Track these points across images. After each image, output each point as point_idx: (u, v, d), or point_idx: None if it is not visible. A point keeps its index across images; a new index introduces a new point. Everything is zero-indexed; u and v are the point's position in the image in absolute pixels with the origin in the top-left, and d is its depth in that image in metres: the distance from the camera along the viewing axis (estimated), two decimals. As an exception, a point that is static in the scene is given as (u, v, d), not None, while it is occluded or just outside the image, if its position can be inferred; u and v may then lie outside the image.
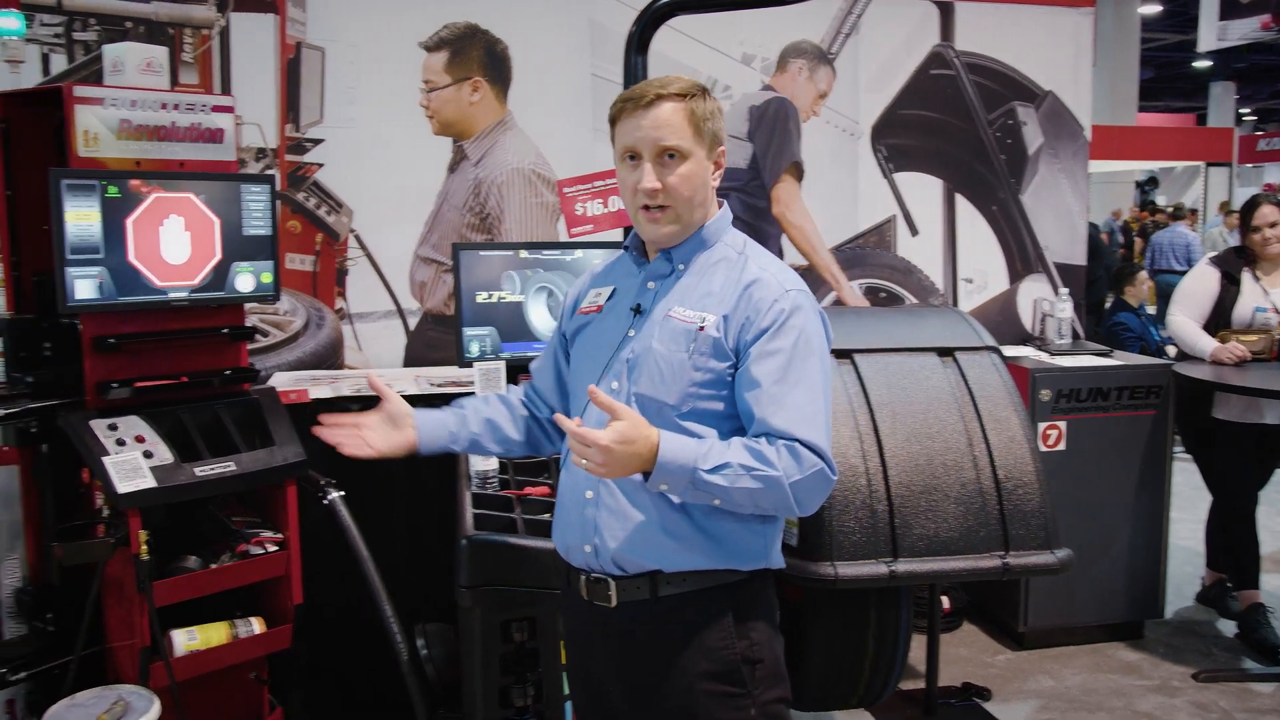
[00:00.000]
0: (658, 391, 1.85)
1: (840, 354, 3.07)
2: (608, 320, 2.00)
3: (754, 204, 4.82)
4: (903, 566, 2.77)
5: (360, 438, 2.13)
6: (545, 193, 4.46)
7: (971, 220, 5.16)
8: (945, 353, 3.17)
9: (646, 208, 1.88)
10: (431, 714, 2.92)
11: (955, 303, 5.15)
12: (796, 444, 1.76)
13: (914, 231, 5.09)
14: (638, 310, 1.95)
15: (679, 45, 4.62)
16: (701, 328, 1.84)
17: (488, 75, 4.43)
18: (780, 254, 4.87)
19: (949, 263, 5.16)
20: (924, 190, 5.10)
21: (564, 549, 1.99)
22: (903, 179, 5.07)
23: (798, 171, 4.88)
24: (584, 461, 1.71)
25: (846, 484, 2.79)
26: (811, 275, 4.93)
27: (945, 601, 4.44)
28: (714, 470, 1.73)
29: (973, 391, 3.04)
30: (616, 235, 3.58)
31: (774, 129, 4.85)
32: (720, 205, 1.99)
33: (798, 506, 1.78)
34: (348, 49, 4.30)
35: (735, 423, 1.85)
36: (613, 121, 1.92)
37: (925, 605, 3.80)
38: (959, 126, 5.09)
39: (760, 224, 4.84)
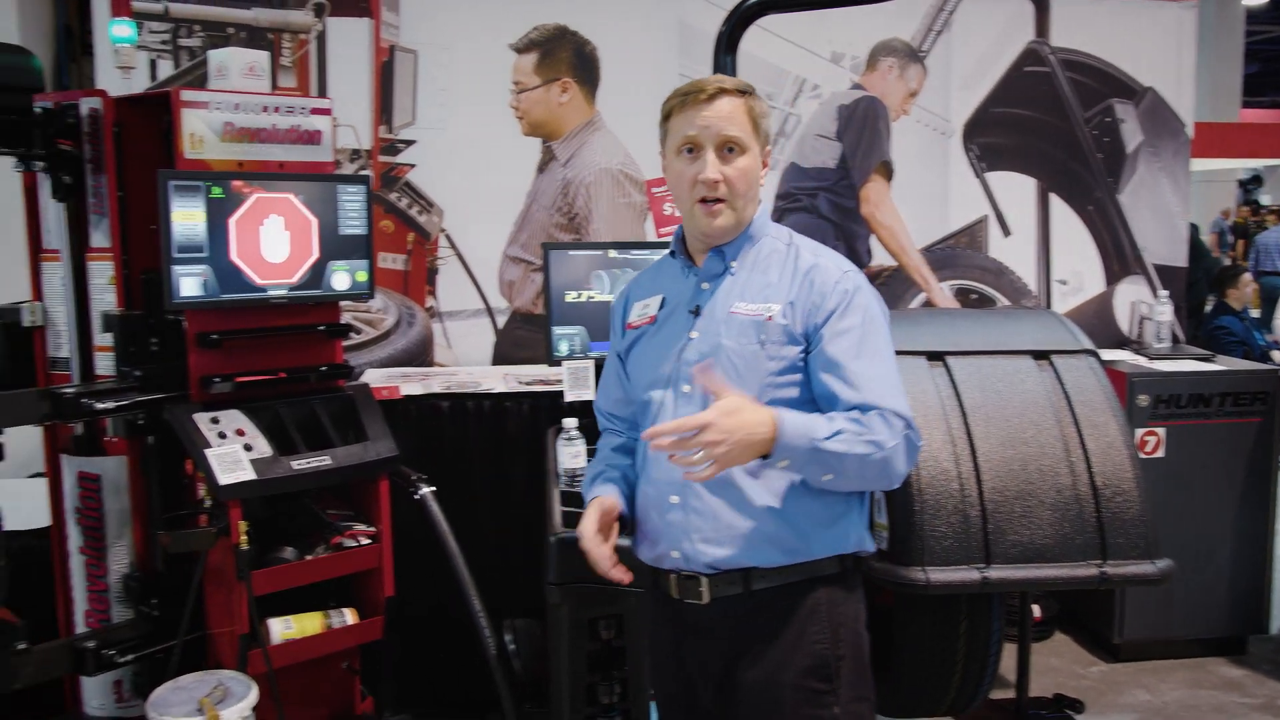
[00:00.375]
0: (736, 386, 1.83)
1: (932, 356, 3.03)
2: (665, 328, 1.99)
3: (842, 204, 4.78)
4: (996, 573, 2.72)
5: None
6: (633, 192, 4.48)
7: (1066, 220, 5.04)
8: (1041, 356, 3.10)
9: (705, 200, 1.89)
10: (518, 709, 2.96)
11: (1049, 305, 5.04)
12: (885, 412, 1.79)
13: (1006, 232, 5.00)
14: (696, 312, 1.94)
15: (767, 44, 4.61)
16: (769, 317, 1.87)
17: (577, 76, 4.46)
18: (869, 255, 4.81)
19: (1042, 264, 5.05)
20: (1017, 190, 5.00)
21: (652, 559, 1.98)
22: (995, 178, 4.98)
23: (887, 171, 4.82)
24: (696, 455, 1.69)
25: (938, 488, 2.74)
26: (900, 276, 4.86)
27: (1036, 610, 4.35)
28: (831, 437, 1.74)
29: (1069, 396, 2.97)
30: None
31: (863, 128, 4.80)
32: (760, 203, 2.01)
33: (893, 475, 1.81)
34: (440, 51, 4.37)
35: (812, 407, 1.85)
36: (667, 116, 1.92)
37: (1016, 613, 3.72)
38: (1054, 124, 4.98)
39: (848, 224, 4.79)
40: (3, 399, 2.60)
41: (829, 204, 4.77)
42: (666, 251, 2.08)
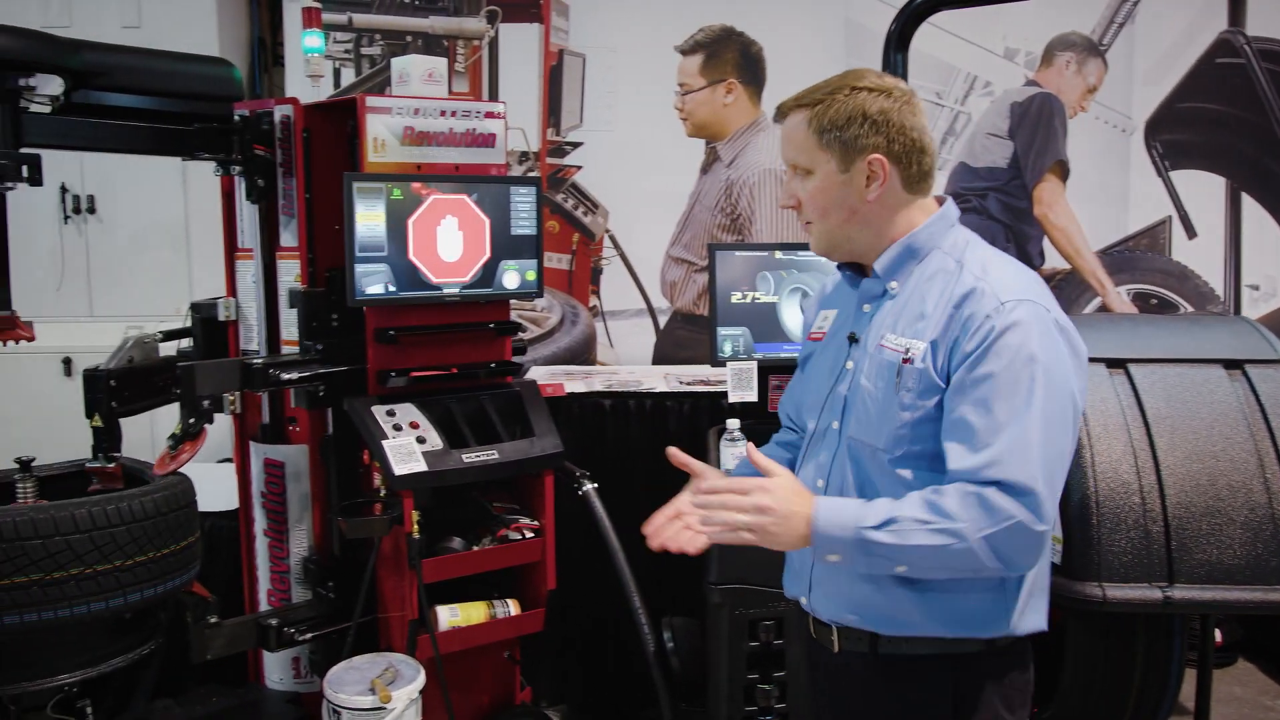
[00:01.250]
0: (868, 434, 1.66)
1: (1113, 363, 2.89)
2: (829, 349, 1.83)
3: (1014, 204, 4.62)
4: (1180, 593, 2.57)
5: (690, 529, 1.86)
6: (796, 193, 4.44)
7: (1259, 221, 4.75)
8: (1233, 365, 2.91)
9: (806, 223, 1.76)
10: (674, 707, 2.97)
11: (1237, 311, 4.75)
12: (990, 489, 1.50)
13: (1191, 234, 4.74)
14: (853, 339, 1.75)
15: (937, 40, 4.50)
16: (907, 359, 1.61)
17: (742, 77, 4.46)
18: (1041, 257, 4.64)
19: (1231, 268, 4.77)
20: (1204, 189, 4.74)
21: (790, 593, 1.88)
22: (1179, 177, 4.73)
23: (1062, 170, 4.64)
24: (717, 525, 1.59)
25: (1118, 501, 2.62)
26: (1075, 280, 4.67)
27: (1217, 634, 4.10)
28: (880, 526, 1.51)
29: (1265, 408, 2.78)
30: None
31: (1037, 126, 4.63)
32: (941, 203, 1.75)
33: (1003, 565, 1.52)
34: (607, 54, 4.44)
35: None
36: None
37: (1196, 637, 3.52)
38: (1248, 119, 4.68)
39: (1020, 225, 4.63)
40: (206, 367, 2.76)
41: (999, 205, 4.62)
42: None
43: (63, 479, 2.82)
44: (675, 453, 1.66)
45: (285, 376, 2.78)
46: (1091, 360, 2.53)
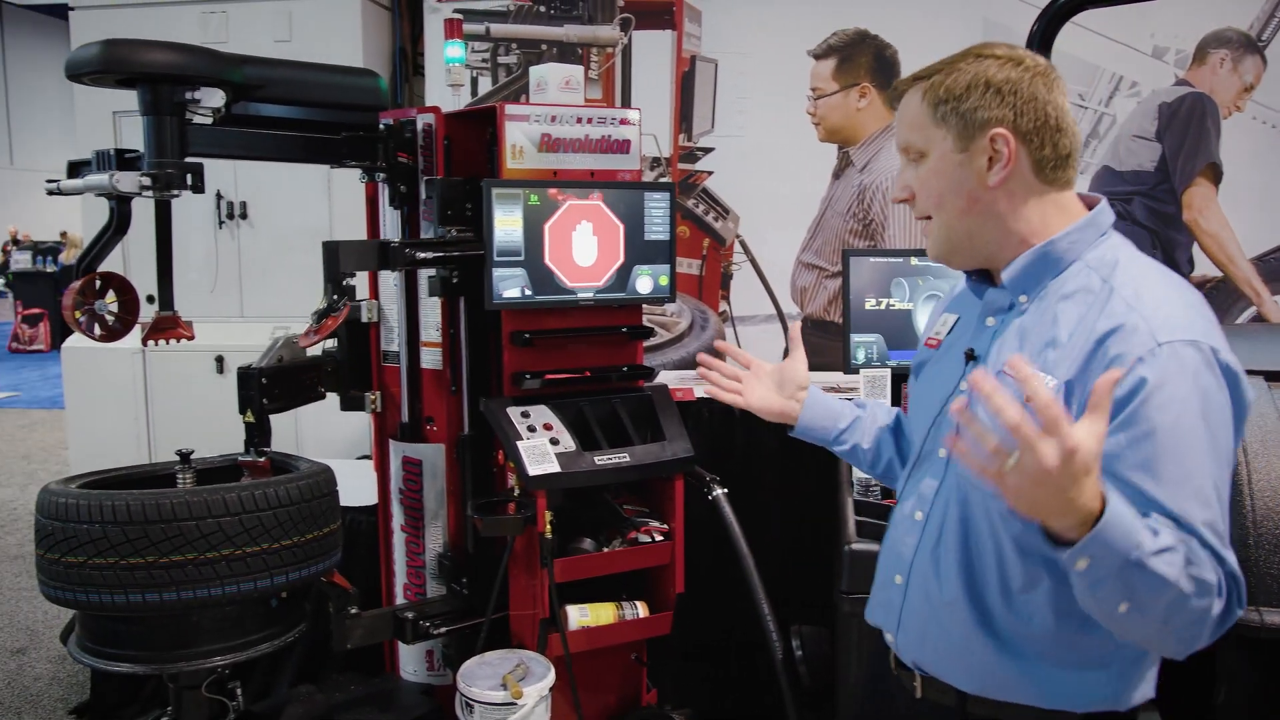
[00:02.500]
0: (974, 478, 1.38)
1: (1271, 376, 2.75)
2: (945, 360, 1.60)
3: (1161, 210, 4.44)
4: (1343, 620, 2.43)
5: (737, 387, 1.91)
6: (931, 198, 4.36)
7: None
8: None
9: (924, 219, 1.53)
10: (801, 716, 2.95)
11: None
12: (1205, 544, 1.28)
13: (1357, 240, 4.48)
14: (971, 356, 1.51)
15: (1080, 40, 4.36)
16: (1029, 398, 1.19)
17: (875, 81, 4.40)
18: (1190, 264, 4.44)
19: (1400, 276, 4.49)
20: (1372, 193, 4.47)
21: (872, 620, 1.69)
22: (1346, 180, 4.47)
23: (1214, 174, 4.43)
24: (1010, 460, 1.18)
25: (1277, 521, 2.49)
26: (1227, 288, 4.46)
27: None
28: (1160, 553, 1.22)
29: None
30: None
31: (1188, 127, 4.44)
32: (1092, 205, 1.48)
33: (1204, 639, 1.30)
34: (739, 59, 4.44)
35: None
36: None
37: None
38: None
39: (1168, 231, 4.45)
40: (348, 245, 2.83)
41: (1146, 210, 4.45)
42: None
43: (218, 471, 2.97)
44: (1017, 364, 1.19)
45: (421, 255, 2.83)
46: (1249, 373, 2.37)
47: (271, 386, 2.96)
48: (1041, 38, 3.39)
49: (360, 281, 3.31)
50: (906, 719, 1.61)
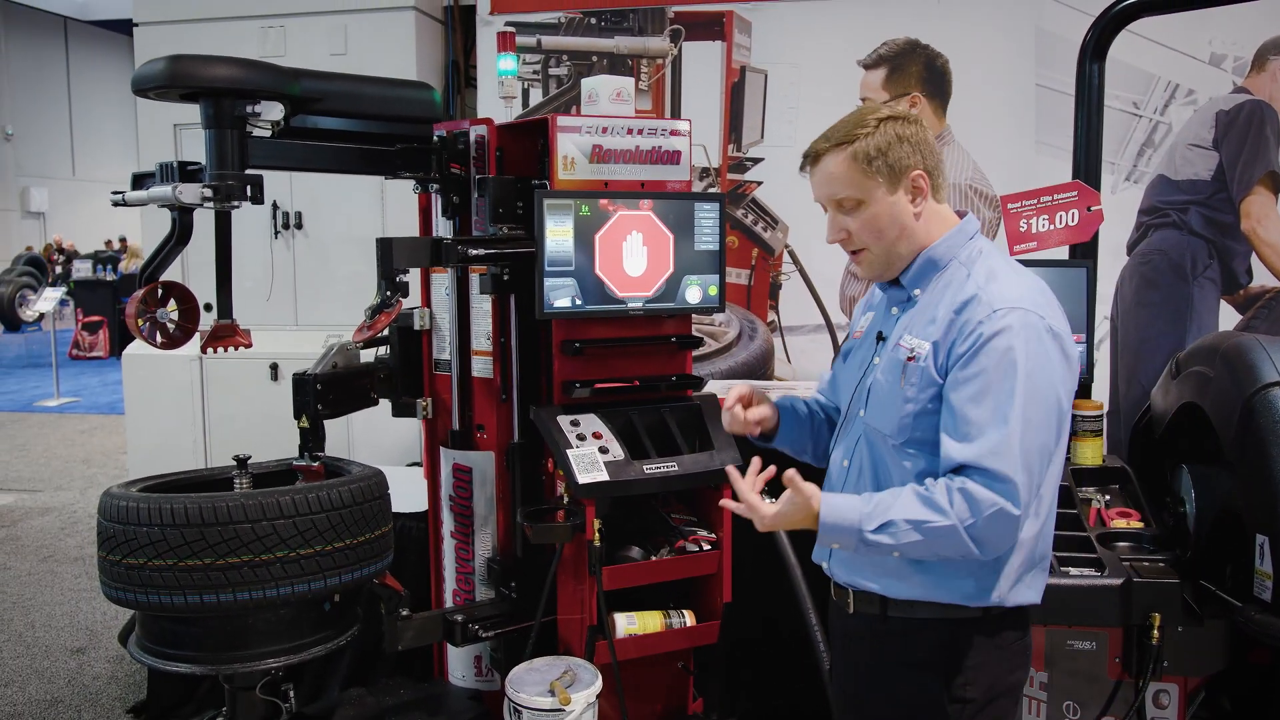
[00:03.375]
0: (879, 422, 1.88)
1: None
2: (862, 347, 2.03)
3: (1218, 219, 4.37)
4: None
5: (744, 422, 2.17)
6: (981, 208, 4.33)
7: None
8: None
9: (854, 252, 1.91)
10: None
11: None
12: (974, 480, 1.71)
13: None
14: (880, 338, 1.96)
15: (1134, 48, 4.30)
16: (911, 358, 1.82)
17: (926, 90, 4.38)
18: (1249, 275, 4.37)
19: None
20: None
21: (815, 558, 2.08)
22: None
23: (1273, 182, 4.36)
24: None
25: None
26: (1286, 299, 4.38)
27: None
28: (879, 530, 1.74)
29: None
30: (1061, 253, 3.40)
31: (1245, 135, 4.37)
32: (962, 216, 1.92)
33: (979, 549, 1.74)
34: (789, 69, 4.44)
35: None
36: None
37: None
38: None
39: (1224, 241, 4.38)
40: (401, 242, 2.88)
41: (1201, 219, 4.38)
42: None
43: (273, 476, 3.03)
44: (792, 476, 1.81)
45: (473, 253, 2.89)
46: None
47: (326, 392, 3.02)
48: (1095, 46, 3.36)
49: (413, 293, 3.36)
50: (847, 634, 2.04)
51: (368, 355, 3.35)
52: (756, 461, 1.94)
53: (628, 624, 3.00)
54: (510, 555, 3.17)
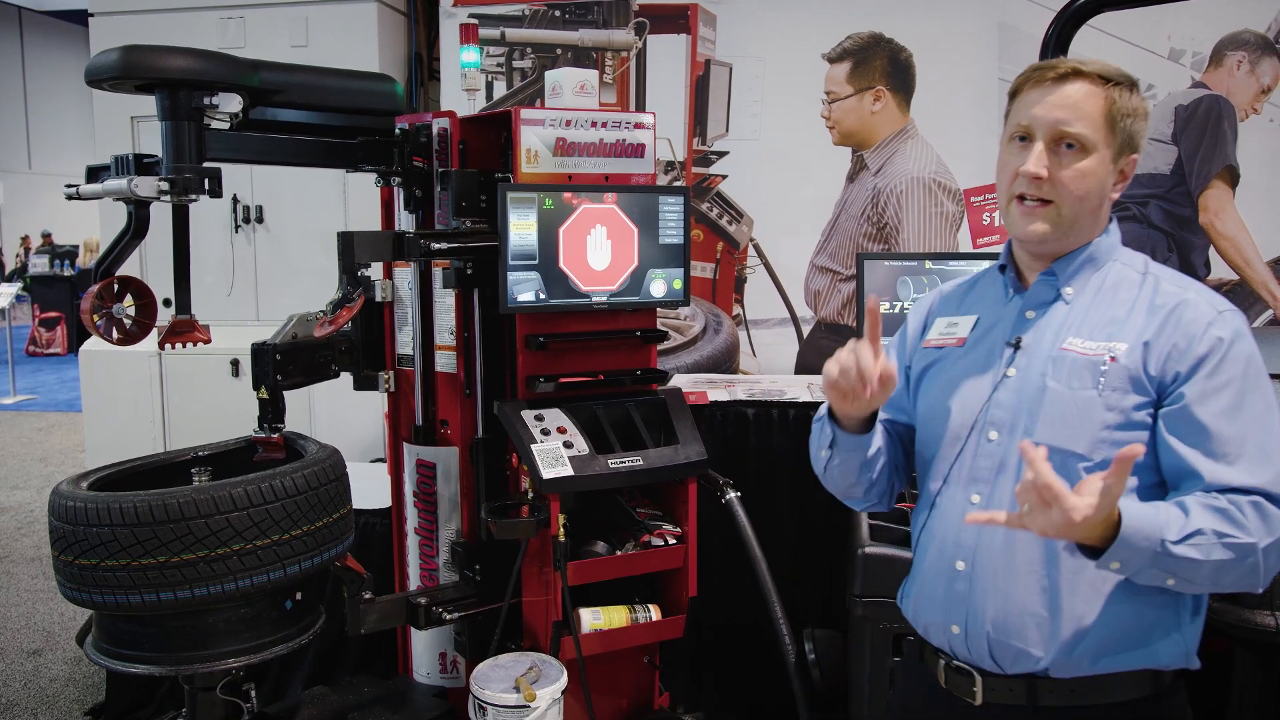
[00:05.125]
0: (1062, 439, 1.53)
1: (1288, 380, 2.74)
2: (974, 356, 1.68)
3: (1177, 212, 4.42)
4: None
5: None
6: (945, 202, 4.36)
7: None
8: None
9: (1022, 198, 1.59)
10: (813, 718, 2.95)
11: None
12: (1263, 499, 1.44)
13: (1376, 244, 4.44)
14: (1017, 345, 1.63)
15: (1095, 43, 4.33)
16: (1112, 358, 1.53)
17: (890, 84, 4.40)
18: (1206, 267, 4.43)
19: None
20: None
21: (921, 625, 1.71)
22: (1364, 184, 4.44)
23: (1231, 176, 4.41)
24: (1029, 513, 1.39)
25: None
26: (1244, 291, 4.43)
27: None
28: (1183, 540, 1.40)
29: None
30: (1024, 246, 3.42)
31: (1204, 130, 4.42)
32: (1110, 221, 1.68)
33: (1263, 578, 1.45)
34: (753, 63, 4.44)
35: (1154, 477, 1.53)
36: (1013, 95, 1.63)
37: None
38: None
39: (1183, 234, 4.43)
40: (363, 235, 2.85)
41: (1161, 213, 4.43)
42: (989, 265, 1.80)
43: (232, 453, 2.95)
44: (1028, 446, 1.39)
45: (435, 246, 2.85)
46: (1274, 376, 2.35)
47: (285, 363, 2.95)
48: (1057, 41, 3.38)
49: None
50: None
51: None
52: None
53: (593, 619, 3.00)
54: (475, 539, 3.13)
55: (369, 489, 3.41)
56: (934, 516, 1.68)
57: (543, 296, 2.92)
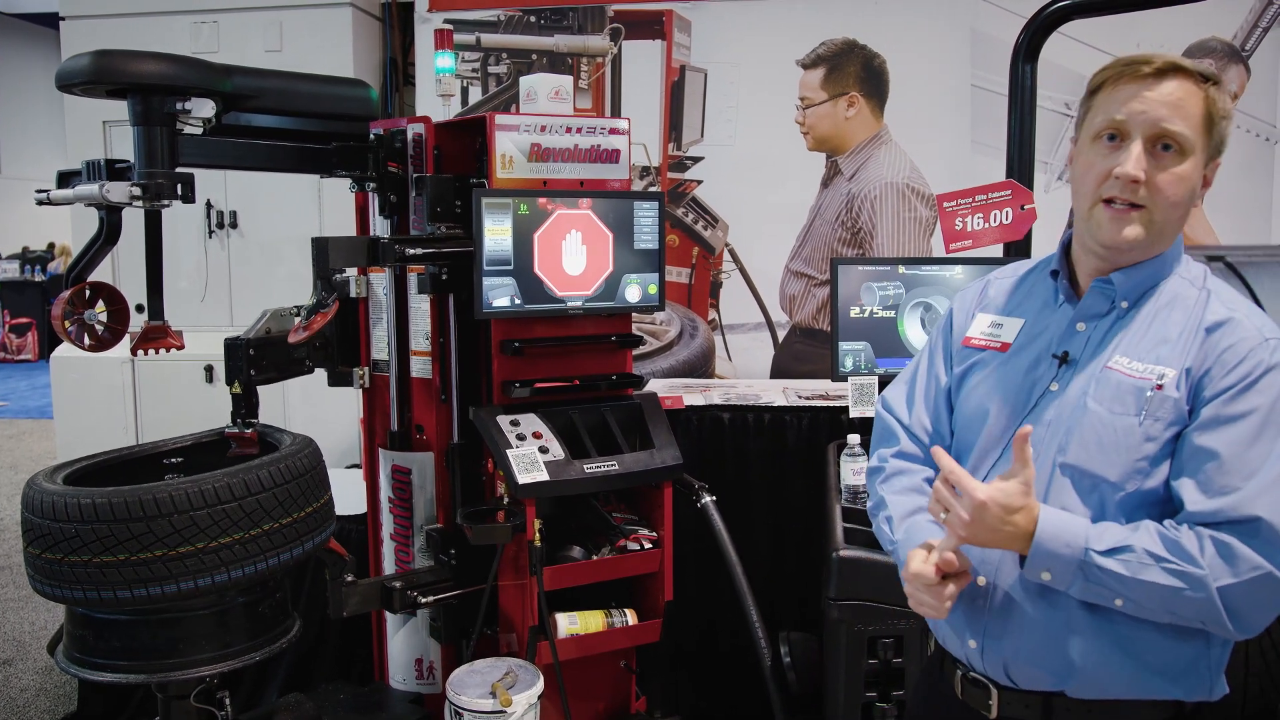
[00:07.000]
0: (1095, 464, 1.47)
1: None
2: (1018, 363, 1.60)
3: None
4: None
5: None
6: (919, 207, 4.39)
7: None
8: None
9: (1110, 201, 1.47)
10: (790, 722, 2.96)
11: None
12: (1234, 535, 1.37)
13: (1342, 248, 4.51)
14: (1064, 359, 1.55)
15: (1066, 50, 4.38)
16: (1159, 385, 1.44)
17: (864, 90, 4.43)
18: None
19: (1386, 283, 4.53)
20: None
21: (940, 634, 1.68)
22: (1329, 188, 4.51)
23: (1199, 182, 4.46)
24: (942, 514, 1.45)
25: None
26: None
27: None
28: (1110, 553, 1.38)
29: None
30: (996, 251, 3.46)
31: (1173, 136, 4.48)
32: None
33: (1232, 622, 1.37)
34: (729, 69, 4.47)
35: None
36: (1094, 91, 1.51)
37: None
38: None
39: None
40: (337, 241, 2.84)
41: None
42: (1039, 260, 1.70)
43: (206, 447, 2.92)
44: (1024, 436, 1.42)
45: (410, 252, 2.84)
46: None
47: (259, 357, 2.94)
48: (1028, 48, 3.42)
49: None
50: None
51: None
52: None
53: (569, 624, 3.00)
54: (450, 523, 3.11)
55: (344, 495, 3.38)
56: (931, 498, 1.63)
57: (518, 302, 2.92)
